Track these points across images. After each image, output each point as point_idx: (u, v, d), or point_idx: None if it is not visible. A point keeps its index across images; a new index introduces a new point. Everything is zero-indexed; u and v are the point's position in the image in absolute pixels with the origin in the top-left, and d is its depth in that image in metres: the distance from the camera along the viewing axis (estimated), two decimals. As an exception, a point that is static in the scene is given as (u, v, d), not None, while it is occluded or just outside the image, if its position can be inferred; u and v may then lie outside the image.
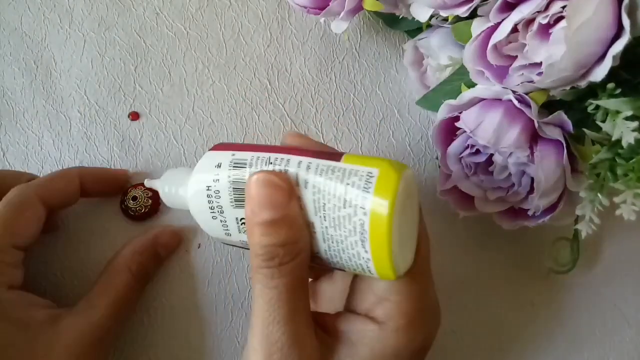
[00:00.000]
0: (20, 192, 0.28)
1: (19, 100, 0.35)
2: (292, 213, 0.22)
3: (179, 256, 0.34)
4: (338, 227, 0.21)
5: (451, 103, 0.28)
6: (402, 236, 0.21)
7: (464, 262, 0.35)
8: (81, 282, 0.33)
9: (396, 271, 0.21)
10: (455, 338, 0.34)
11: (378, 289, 0.23)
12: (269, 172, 0.22)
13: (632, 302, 0.36)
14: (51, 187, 0.30)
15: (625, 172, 0.24)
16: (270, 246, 0.22)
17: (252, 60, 0.37)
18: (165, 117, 0.36)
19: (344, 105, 0.37)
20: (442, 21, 0.31)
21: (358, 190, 0.21)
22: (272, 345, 0.22)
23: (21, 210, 0.28)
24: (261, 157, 0.23)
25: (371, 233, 0.21)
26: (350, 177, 0.21)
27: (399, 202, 0.21)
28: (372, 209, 0.20)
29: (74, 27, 0.36)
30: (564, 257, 0.34)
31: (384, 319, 0.23)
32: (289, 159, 0.22)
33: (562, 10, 0.23)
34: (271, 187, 0.21)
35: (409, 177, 0.22)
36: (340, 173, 0.21)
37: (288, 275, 0.22)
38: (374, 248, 0.21)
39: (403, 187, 0.21)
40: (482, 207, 0.30)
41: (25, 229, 0.28)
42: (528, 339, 0.35)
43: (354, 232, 0.21)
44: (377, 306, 0.23)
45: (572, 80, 0.24)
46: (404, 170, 0.21)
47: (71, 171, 0.31)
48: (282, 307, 0.22)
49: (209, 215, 0.24)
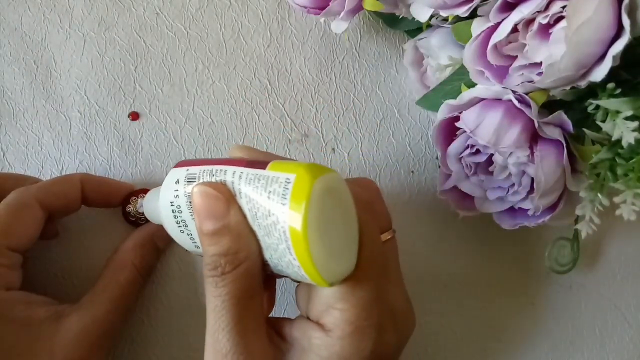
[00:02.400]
0: (18, 195, 0.28)
1: (19, 100, 0.35)
2: (232, 223, 0.22)
3: (179, 256, 0.34)
4: (270, 235, 0.21)
5: (451, 103, 0.28)
6: (330, 242, 0.21)
7: (464, 262, 0.35)
8: (81, 282, 0.33)
9: (326, 279, 0.21)
10: (455, 338, 0.34)
11: (325, 296, 0.23)
12: (205, 184, 0.22)
13: (632, 302, 0.36)
14: (51, 191, 0.29)
15: (625, 172, 0.24)
16: (214, 255, 0.22)
17: (252, 60, 0.37)
18: (165, 117, 0.36)
19: (344, 105, 0.37)
20: (442, 21, 0.31)
21: (277, 197, 0.21)
22: (217, 353, 0.22)
23: (18, 212, 0.28)
24: (206, 170, 0.23)
25: (292, 241, 0.20)
26: (272, 185, 0.21)
27: (316, 207, 0.20)
28: (289, 217, 0.20)
29: (74, 27, 0.36)
30: (564, 257, 0.34)
31: (331, 326, 0.22)
32: (225, 170, 0.23)
33: (562, 10, 0.23)
34: (208, 198, 0.22)
35: (332, 180, 0.21)
36: (264, 181, 0.21)
37: (230, 284, 0.22)
38: (298, 256, 0.21)
39: (321, 192, 0.20)
40: (482, 207, 0.30)
41: (22, 231, 0.28)
42: (528, 339, 0.35)
43: (281, 239, 0.21)
44: (325, 313, 0.23)
45: (572, 80, 0.24)
46: (325, 173, 0.21)
47: (74, 176, 0.31)
48: (226, 315, 0.22)
49: (177, 230, 0.25)
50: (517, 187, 0.28)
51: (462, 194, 0.31)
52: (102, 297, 0.29)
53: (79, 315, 0.28)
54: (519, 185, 0.28)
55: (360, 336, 0.22)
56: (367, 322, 0.22)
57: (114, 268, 0.30)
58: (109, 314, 0.29)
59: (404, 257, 0.34)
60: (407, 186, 0.36)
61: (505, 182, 0.29)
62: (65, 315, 0.28)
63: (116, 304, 0.29)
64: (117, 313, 0.29)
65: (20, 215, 0.28)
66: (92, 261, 0.33)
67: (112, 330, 0.29)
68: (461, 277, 0.35)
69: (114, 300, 0.29)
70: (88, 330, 0.28)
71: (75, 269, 0.33)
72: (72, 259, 0.33)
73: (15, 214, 0.28)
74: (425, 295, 0.34)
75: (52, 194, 0.29)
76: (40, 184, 0.30)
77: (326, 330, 0.23)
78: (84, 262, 0.33)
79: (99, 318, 0.28)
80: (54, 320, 0.27)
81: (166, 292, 0.33)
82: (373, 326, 0.23)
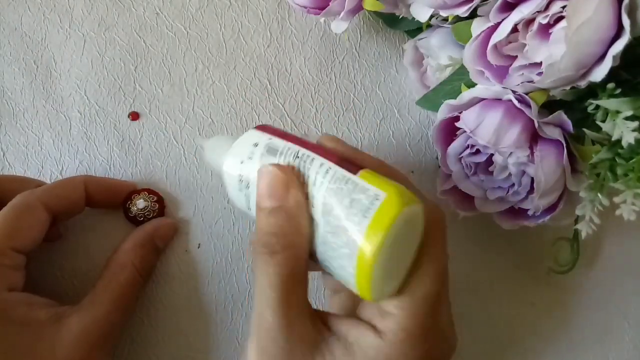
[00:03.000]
0: (24, 197, 0.29)
1: (19, 100, 0.35)
2: (288, 206, 0.22)
3: (179, 256, 0.34)
4: (336, 235, 0.22)
5: (451, 103, 0.28)
6: (391, 266, 0.21)
7: (464, 262, 0.35)
8: (81, 282, 0.33)
9: (373, 297, 0.22)
10: (455, 338, 0.34)
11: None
12: (276, 165, 0.23)
13: (632, 302, 0.36)
14: (56, 194, 0.30)
15: (625, 172, 0.24)
16: (268, 234, 0.23)
17: (252, 60, 0.37)
18: (165, 117, 0.36)
19: (344, 105, 0.37)
20: (442, 21, 0.31)
21: (360, 209, 0.21)
22: (261, 327, 0.22)
23: (23, 214, 0.28)
24: (291, 149, 0.24)
25: (359, 255, 0.21)
26: (358, 194, 0.21)
27: (393, 236, 0.20)
28: (365, 235, 0.21)
29: (74, 27, 0.36)
30: (564, 257, 0.34)
31: (385, 329, 0.23)
32: (313, 158, 0.23)
33: (562, 10, 0.23)
34: (273, 178, 0.23)
35: (415, 212, 0.22)
36: (351, 186, 0.22)
37: (279, 265, 0.22)
38: (358, 272, 0.21)
39: (403, 222, 0.21)
40: (482, 207, 0.30)
41: (27, 232, 0.28)
42: (528, 339, 0.35)
43: (348, 246, 0.21)
44: (380, 317, 0.23)
45: (572, 80, 0.24)
46: (412, 204, 0.21)
47: (77, 179, 0.31)
48: (273, 293, 0.22)
49: (237, 187, 0.25)
50: (517, 187, 0.28)
51: (462, 194, 0.31)
52: (102, 298, 0.29)
53: (79, 316, 0.28)
54: (519, 185, 0.28)
55: (412, 344, 0.23)
56: (421, 332, 0.23)
57: (113, 268, 0.30)
58: (109, 314, 0.29)
59: (404, 257, 0.34)
60: (407, 186, 0.36)
61: (505, 182, 0.29)
62: (66, 317, 0.28)
63: (116, 304, 0.29)
64: (117, 313, 0.29)
65: (25, 217, 0.28)
66: (92, 261, 0.33)
67: (112, 330, 0.29)
68: (461, 277, 0.35)
69: (114, 301, 0.29)
70: (89, 331, 0.28)
71: (76, 269, 0.33)
72: (72, 259, 0.33)
73: (21, 216, 0.28)
74: (425, 295, 0.34)
75: (57, 197, 0.30)
76: (45, 187, 0.30)
77: (378, 331, 0.23)
78: (84, 262, 0.33)
79: (100, 319, 0.28)
80: (55, 321, 0.27)
81: (166, 292, 0.33)
82: (426, 338, 0.23)
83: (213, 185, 0.35)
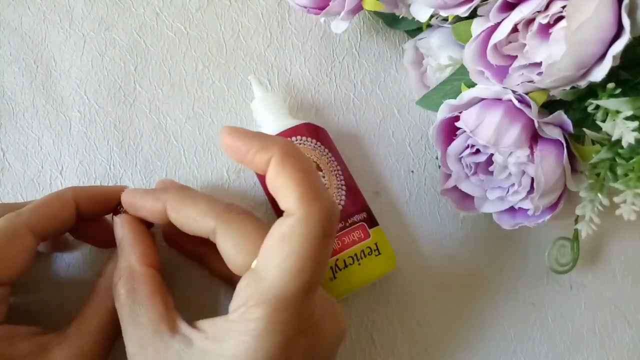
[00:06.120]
0: (8, 223, 0.26)
1: (19, 100, 0.35)
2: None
3: (179, 256, 0.34)
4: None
5: (451, 103, 0.28)
6: None
7: (464, 262, 0.35)
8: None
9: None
10: (455, 338, 0.34)
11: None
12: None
13: (632, 302, 0.36)
14: (43, 214, 0.27)
15: (625, 172, 0.24)
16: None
17: (252, 60, 0.37)
18: (165, 117, 0.36)
19: (344, 105, 0.37)
20: (442, 21, 0.31)
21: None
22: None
23: (6, 243, 0.26)
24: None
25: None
26: None
27: None
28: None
29: (74, 27, 0.36)
30: (564, 257, 0.34)
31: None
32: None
33: (562, 10, 0.23)
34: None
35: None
36: None
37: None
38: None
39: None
40: (482, 207, 0.30)
41: (10, 263, 0.26)
42: (528, 339, 0.35)
43: None
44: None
45: (572, 80, 0.24)
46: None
47: (65, 193, 0.28)
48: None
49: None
50: (517, 187, 0.28)
51: (462, 193, 0.31)
52: (89, 327, 0.27)
53: (64, 348, 0.26)
54: (519, 185, 0.28)
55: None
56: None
57: (101, 293, 0.28)
58: (97, 344, 0.26)
59: (404, 258, 0.34)
60: (407, 186, 0.36)
61: (505, 182, 0.29)
62: (50, 349, 0.26)
63: (105, 333, 0.27)
64: (106, 342, 0.27)
65: (9, 246, 0.26)
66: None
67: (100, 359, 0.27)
68: (461, 277, 0.35)
69: (103, 330, 0.27)
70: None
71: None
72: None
73: (3, 245, 0.25)
74: (425, 295, 0.34)
75: (45, 218, 0.27)
76: (31, 208, 0.27)
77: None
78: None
79: (86, 351, 0.26)
80: (37, 354, 0.25)
81: (166, 292, 0.33)
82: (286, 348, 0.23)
83: (213, 185, 0.35)
